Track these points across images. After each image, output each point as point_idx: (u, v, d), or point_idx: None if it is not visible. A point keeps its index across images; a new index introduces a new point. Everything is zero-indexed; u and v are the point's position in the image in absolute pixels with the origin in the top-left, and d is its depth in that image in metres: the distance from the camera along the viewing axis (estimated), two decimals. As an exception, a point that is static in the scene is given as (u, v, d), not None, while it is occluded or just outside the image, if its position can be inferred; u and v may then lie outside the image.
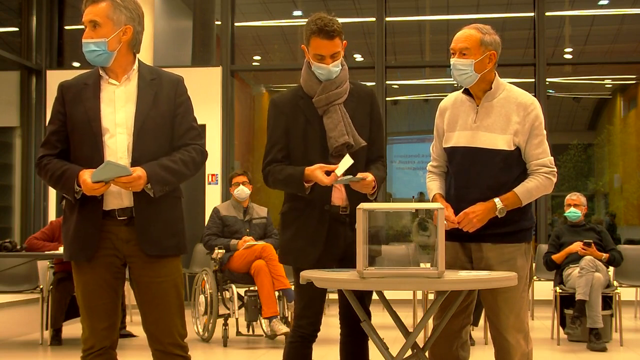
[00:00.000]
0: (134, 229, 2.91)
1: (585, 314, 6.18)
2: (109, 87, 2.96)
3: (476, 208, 3.18)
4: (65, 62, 11.05)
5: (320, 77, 3.28)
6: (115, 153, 2.89)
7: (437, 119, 3.44)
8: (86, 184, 2.79)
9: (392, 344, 3.13)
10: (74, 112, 2.92)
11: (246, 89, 12.26)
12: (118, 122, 2.91)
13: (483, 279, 2.94)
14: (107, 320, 2.93)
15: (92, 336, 2.91)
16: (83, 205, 2.89)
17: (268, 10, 11.83)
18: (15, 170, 10.50)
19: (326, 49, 3.21)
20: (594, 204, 14.06)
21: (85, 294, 2.93)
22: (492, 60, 3.24)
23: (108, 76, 2.97)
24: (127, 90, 2.96)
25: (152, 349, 2.99)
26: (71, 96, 2.94)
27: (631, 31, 11.75)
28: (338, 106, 3.28)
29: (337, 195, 3.28)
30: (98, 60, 2.91)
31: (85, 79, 2.99)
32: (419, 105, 14.15)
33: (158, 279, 2.93)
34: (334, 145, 3.23)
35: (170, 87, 3.02)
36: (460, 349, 3.38)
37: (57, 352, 6.18)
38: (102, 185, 2.79)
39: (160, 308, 2.93)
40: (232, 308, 6.41)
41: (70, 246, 2.94)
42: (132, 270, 2.97)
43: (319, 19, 3.20)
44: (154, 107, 2.95)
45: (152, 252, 2.91)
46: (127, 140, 2.91)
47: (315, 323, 3.29)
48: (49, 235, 6.47)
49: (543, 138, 3.26)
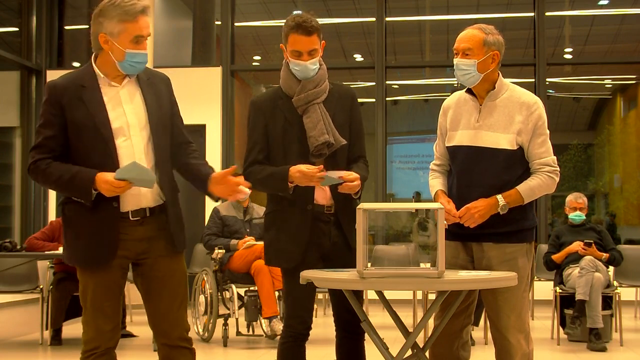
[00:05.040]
0: (150, 228, 2.93)
1: (585, 314, 6.18)
2: (110, 89, 2.93)
3: (478, 203, 3.18)
4: (65, 62, 11.04)
5: (297, 75, 3.27)
6: (131, 156, 2.88)
7: (440, 118, 3.44)
8: (110, 183, 2.78)
9: (392, 344, 3.13)
10: (76, 116, 2.86)
11: (246, 89, 12.26)
12: (130, 123, 2.90)
13: (483, 279, 2.94)
14: (113, 321, 2.93)
15: (98, 337, 2.90)
16: (96, 209, 2.85)
17: (268, 10, 11.83)
18: (15, 170, 10.50)
19: (304, 45, 3.21)
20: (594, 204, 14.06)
21: (94, 295, 2.90)
22: (495, 60, 3.24)
23: (108, 78, 2.93)
24: (130, 92, 2.95)
25: (159, 344, 3.00)
26: (68, 99, 2.87)
27: (631, 31, 11.74)
28: (317, 105, 3.27)
29: (321, 195, 3.27)
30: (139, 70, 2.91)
31: (79, 79, 2.92)
32: (419, 105, 14.14)
33: (170, 273, 2.98)
34: (314, 145, 3.21)
35: (164, 86, 3.05)
36: (461, 349, 3.38)
37: (57, 352, 6.17)
38: (127, 184, 2.79)
39: (170, 302, 2.96)
40: (232, 308, 6.40)
41: (84, 251, 2.90)
42: (143, 267, 2.97)
43: (298, 16, 3.22)
44: (158, 107, 2.97)
45: (175, 248, 2.98)
46: (142, 141, 2.91)
47: (306, 322, 3.28)
48: (49, 235, 6.47)
49: (546, 137, 3.27)
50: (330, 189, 3.26)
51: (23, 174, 10.42)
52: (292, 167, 3.16)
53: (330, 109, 3.30)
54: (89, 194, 2.81)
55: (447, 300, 3.08)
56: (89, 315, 2.91)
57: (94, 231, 2.87)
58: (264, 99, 3.35)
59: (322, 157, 3.25)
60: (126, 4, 2.84)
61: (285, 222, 3.26)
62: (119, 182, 2.78)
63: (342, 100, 3.36)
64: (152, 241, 2.95)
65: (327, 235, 3.27)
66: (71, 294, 6.42)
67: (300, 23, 3.19)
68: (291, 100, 3.28)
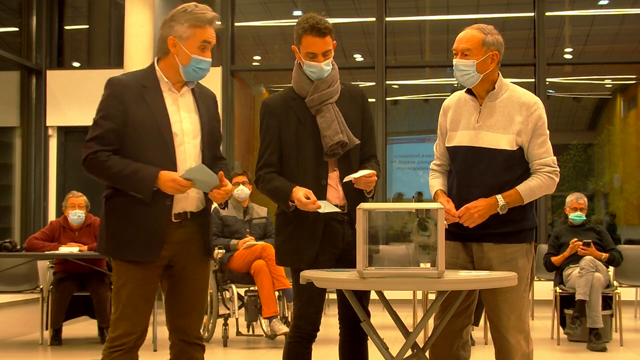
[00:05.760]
0: (187, 231, 3.04)
1: (585, 314, 6.18)
2: (171, 94, 3.05)
3: (478, 203, 3.18)
4: (65, 62, 11.04)
5: (311, 76, 3.28)
6: (185, 161, 3.00)
7: (441, 118, 3.44)
8: (178, 182, 2.89)
9: (392, 344, 3.13)
10: (137, 113, 2.96)
11: (246, 89, 12.26)
12: (185, 131, 3.02)
13: (483, 279, 2.94)
14: (146, 321, 3.02)
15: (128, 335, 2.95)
16: (150, 206, 2.94)
17: (268, 10, 11.83)
18: (15, 170, 10.50)
19: (318, 46, 3.21)
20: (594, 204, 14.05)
21: (131, 293, 2.97)
22: (495, 60, 3.24)
23: (172, 84, 3.04)
24: (187, 100, 3.08)
25: (175, 339, 3.11)
26: (132, 96, 2.97)
27: (631, 31, 11.74)
28: (331, 105, 3.28)
29: (334, 195, 3.28)
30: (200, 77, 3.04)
31: (141, 79, 3.03)
32: (419, 105, 14.13)
33: (197, 277, 3.11)
34: (328, 144, 3.23)
35: (210, 101, 3.20)
36: (461, 349, 3.38)
37: (57, 352, 6.17)
38: (191, 184, 2.91)
39: (192, 303, 3.09)
40: (232, 308, 6.41)
41: (130, 245, 2.96)
42: (174, 269, 3.07)
43: (310, 18, 3.22)
44: (208, 119, 3.11)
45: (205, 254, 3.14)
46: (194, 149, 3.04)
47: (315, 323, 3.29)
48: (49, 235, 6.47)
49: (546, 138, 3.27)
50: (343, 188, 3.27)
51: (23, 174, 10.43)
52: (295, 190, 3.18)
53: (343, 108, 3.31)
54: (150, 189, 2.91)
55: (447, 300, 3.08)
56: (123, 311, 2.97)
57: (142, 226, 2.95)
58: (276, 100, 3.35)
59: (336, 157, 3.28)
60: (198, 11, 2.99)
61: (299, 223, 3.26)
62: (185, 182, 2.90)
63: (354, 99, 3.38)
64: (187, 245, 3.06)
65: (340, 235, 3.28)
66: (71, 294, 6.42)
67: (314, 25, 3.19)
68: (304, 100, 3.29)
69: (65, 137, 10.60)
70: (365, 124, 3.40)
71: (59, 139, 10.53)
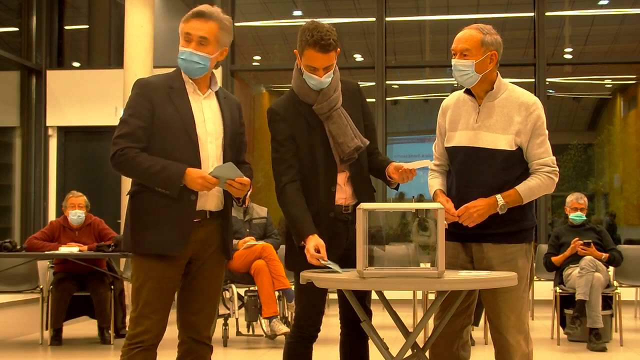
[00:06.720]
0: (207, 231, 3.09)
1: (585, 314, 6.18)
2: (196, 96, 3.10)
3: (477, 203, 3.18)
4: (65, 62, 11.05)
5: (311, 87, 3.25)
6: (207, 159, 3.05)
7: (439, 118, 3.44)
8: (207, 179, 2.94)
9: (392, 344, 3.13)
10: (164, 112, 3.02)
11: (246, 89, 12.26)
12: (209, 132, 3.07)
13: (483, 279, 2.94)
14: (165, 318, 3.04)
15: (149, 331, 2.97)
16: (176, 201, 2.98)
17: (268, 10, 11.83)
18: (15, 170, 10.51)
19: (320, 62, 3.16)
20: (594, 204, 14.05)
21: (154, 291, 3.00)
22: (494, 60, 3.24)
23: (196, 86, 3.10)
24: (211, 104, 3.13)
25: (184, 337, 3.12)
26: (159, 96, 3.03)
27: (631, 31, 11.74)
28: (340, 110, 3.26)
29: (340, 196, 3.28)
30: (197, 72, 3.07)
31: (168, 81, 3.09)
32: (419, 105, 14.13)
33: (213, 276, 3.15)
34: (345, 151, 3.22)
35: (235, 108, 3.24)
36: (461, 349, 3.38)
37: (57, 352, 6.18)
38: (218, 182, 2.97)
39: (205, 302, 3.13)
40: (232, 308, 6.41)
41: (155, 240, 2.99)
42: (191, 266, 3.10)
43: (316, 30, 3.12)
44: (231, 123, 3.15)
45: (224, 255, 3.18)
46: (217, 150, 3.08)
47: (316, 323, 3.29)
48: (49, 235, 6.47)
49: (545, 138, 3.26)
50: (353, 186, 3.28)
51: (23, 174, 10.43)
52: (309, 238, 3.10)
53: (347, 109, 3.30)
54: (178, 186, 2.95)
55: (447, 300, 3.08)
56: (143, 309, 2.99)
57: (169, 221, 2.99)
58: (284, 105, 3.30)
59: (352, 161, 3.27)
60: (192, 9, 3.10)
61: None
62: (214, 179, 2.96)
63: (353, 96, 3.37)
64: (206, 244, 3.10)
65: (343, 235, 3.27)
66: (71, 294, 6.42)
67: (318, 40, 3.11)
68: (310, 106, 3.25)
69: (65, 137, 10.61)
70: (367, 118, 3.40)
71: (59, 139, 10.53)
